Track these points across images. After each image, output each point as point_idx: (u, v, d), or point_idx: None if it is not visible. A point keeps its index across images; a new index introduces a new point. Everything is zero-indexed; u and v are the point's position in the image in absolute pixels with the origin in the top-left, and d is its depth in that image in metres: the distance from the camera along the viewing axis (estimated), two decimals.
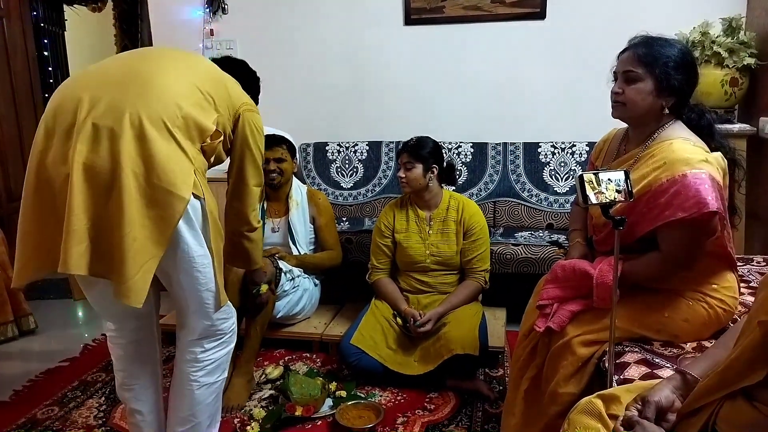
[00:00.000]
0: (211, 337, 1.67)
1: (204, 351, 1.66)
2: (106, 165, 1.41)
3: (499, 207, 3.18)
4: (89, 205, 1.41)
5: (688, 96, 1.57)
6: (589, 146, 3.10)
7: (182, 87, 1.54)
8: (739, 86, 2.75)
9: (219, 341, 1.68)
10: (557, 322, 1.58)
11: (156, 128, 1.44)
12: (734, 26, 2.76)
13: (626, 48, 1.58)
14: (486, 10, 3.26)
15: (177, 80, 1.55)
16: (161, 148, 1.44)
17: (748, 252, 2.73)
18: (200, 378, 1.67)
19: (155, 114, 1.45)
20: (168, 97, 1.49)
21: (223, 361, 1.72)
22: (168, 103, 1.48)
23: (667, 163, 1.45)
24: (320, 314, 2.80)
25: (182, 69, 1.60)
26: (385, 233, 2.53)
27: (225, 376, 1.76)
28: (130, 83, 1.50)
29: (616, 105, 1.58)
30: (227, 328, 1.70)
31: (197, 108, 1.54)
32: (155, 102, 1.47)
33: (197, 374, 1.67)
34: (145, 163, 1.42)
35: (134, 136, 1.42)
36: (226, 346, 1.71)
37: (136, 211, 1.41)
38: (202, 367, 1.67)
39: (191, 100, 1.54)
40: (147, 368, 1.74)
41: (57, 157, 1.44)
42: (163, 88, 1.51)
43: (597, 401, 1.13)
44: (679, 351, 1.49)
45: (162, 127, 1.45)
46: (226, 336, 1.70)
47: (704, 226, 1.43)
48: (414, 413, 2.15)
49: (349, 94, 3.52)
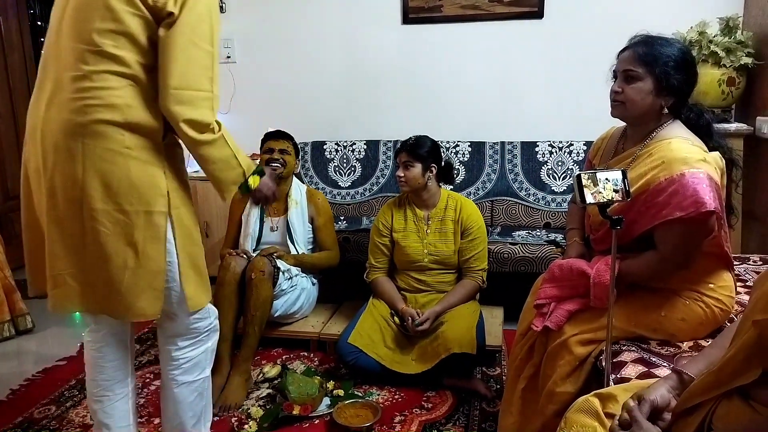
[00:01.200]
0: (185, 334, 1.64)
1: (178, 349, 1.64)
2: (69, 200, 1.41)
3: (497, 206, 3.18)
4: (68, 250, 1.44)
5: (687, 95, 1.57)
6: (586, 145, 3.11)
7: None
8: (736, 86, 2.76)
9: (193, 340, 1.65)
10: (554, 321, 1.58)
11: (97, 136, 1.39)
12: (731, 26, 2.77)
13: (626, 47, 1.58)
14: (484, 9, 3.26)
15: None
16: (115, 166, 1.40)
17: (744, 251, 2.73)
18: (177, 377, 1.66)
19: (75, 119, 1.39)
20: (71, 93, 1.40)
21: (201, 359, 1.69)
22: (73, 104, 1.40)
23: (666, 162, 1.46)
24: (318, 313, 2.80)
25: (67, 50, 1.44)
26: (383, 232, 2.53)
27: (206, 375, 1.72)
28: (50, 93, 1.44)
29: (615, 104, 1.59)
30: (202, 328, 1.66)
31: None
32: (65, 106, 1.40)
33: (174, 373, 1.66)
34: (107, 190, 1.40)
35: (81, 159, 1.39)
36: (201, 345, 1.67)
37: (117, 244, 1.42)
38: (178, 366, 1.65)
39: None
40: (118, 375, 1.68)
41: (34, 190, 1.48)
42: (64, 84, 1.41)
43: (594, 400, 1.14)
44: (676, 350, 1.49)
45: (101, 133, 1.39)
46: (202, 335, 1.67)
47: (701, 225, 1.44)
48: (411, 412, 2.16)
49: (346, 93, 3.52)
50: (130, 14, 1.38)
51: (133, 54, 1.40)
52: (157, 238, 1.46)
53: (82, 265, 1.44)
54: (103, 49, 1.38)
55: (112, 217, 1.41)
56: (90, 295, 1.47)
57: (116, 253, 1.42)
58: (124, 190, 1.41)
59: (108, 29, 1.38)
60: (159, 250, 1.47)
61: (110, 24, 1.38)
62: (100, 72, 1.39)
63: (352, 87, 3.50)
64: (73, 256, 1.44)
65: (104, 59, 1.39)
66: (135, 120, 1.42)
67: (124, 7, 1.38)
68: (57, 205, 1.43)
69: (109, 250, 1.42)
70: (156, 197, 1.45)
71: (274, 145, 2.65)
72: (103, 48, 1.38)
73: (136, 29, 1.39)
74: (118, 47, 1.39)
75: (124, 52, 1.39)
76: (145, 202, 1.43)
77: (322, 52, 3.51)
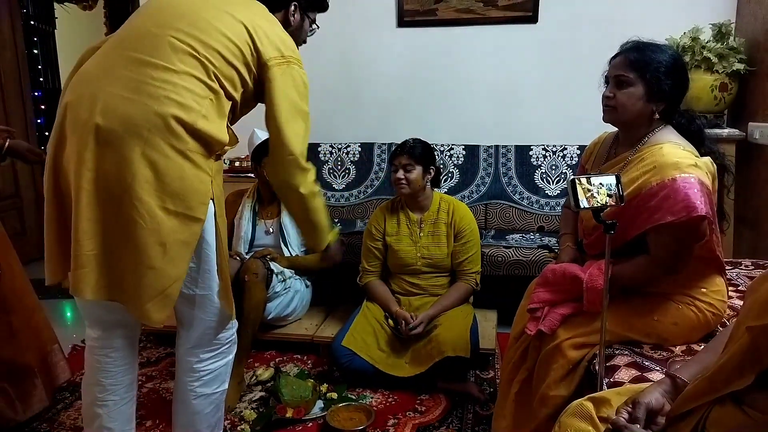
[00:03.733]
0: (207, 346, 1.61)
1: (200, 361, 1.61)
2: (113, 181, 1.36)
3: (491, 209, 3.19)
4: (97, 230, 1.38)
5: (678, 101, 1.59)
6: (580, 149, 3.12)
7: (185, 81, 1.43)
8: (728, 91, 2.78)
9: (216, 352, 1.63)
10: (548, 325, 1.59)
11: (165, 134, 1.37)
12: (724, 32, 2.79)
13: (618, 53, 1.60)
14: (479, 14, 3.27)
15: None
16: (173, 163, 1.38)
17: (736, 256, 2.75)
18: (197, 388, 1.63)
19: (162, 113, 1.37)
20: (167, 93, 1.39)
21: (222, 372, 1.66)
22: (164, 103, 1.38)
23: (657, 167, 1.47)
24: (312, 316, 2.80)
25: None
26: (376, 236, 2.53)
27: (224, 388, 1.70)
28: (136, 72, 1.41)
29: (607, 109, 1.60)
30: (225, 339, 1.64)
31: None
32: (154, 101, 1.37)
33: (194, 384, 1.62)
34: (158, 184, 1.37)
35: (142, 147, 1.35)
36: (224, 357, 1.65)
37: (149, 239, 1.37)
38: (199, 378, 1.62)
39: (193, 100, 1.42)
40: (125, 380, 1.65)
41: (70, 159, 1.40)
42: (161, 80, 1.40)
43: (587, 404, 1.14)
44: (669, 354, 1.50)
45: (169, 129, 1.37)
46: (224, 347, 1.64)
47: (693, 230, 1.45)
48: (405, 415, 2.16)
49: (341, 95, 3.52)
50: (247, 45, 1.49)
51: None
52: (186, 244, 1.43)
53: (109, 248, 1.39)
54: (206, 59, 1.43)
55: (153, 211, 1.37)
56: (105, 279, 1.41)
57: (145, 249, 1.38)
58: (172, 189, 1.38)
59: (222, 44, 1.45)
60: (184, 257, 1.43)
61: (227, 42, 1.45)
62: (191, 75, 1.41)
63: (347, 89, 3.50)
64: (101, 238, 1.38)
65: (200, 66, 1.42)
66: (205, 129, 1.42)
67: (246, 39, 1.49)
68: (101, 184, 1.36)
69: (139, 243, 1.37)
70: (199, 204, 1.43)
71: None
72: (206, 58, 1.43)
73: (242, 62, 1.49)
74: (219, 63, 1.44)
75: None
76: (188, 206, 1.41)
77: (317, 54, 3.48)
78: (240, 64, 1.49)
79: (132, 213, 1.36)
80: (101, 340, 1.61)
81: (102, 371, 1.61)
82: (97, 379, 1.62)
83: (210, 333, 1.60)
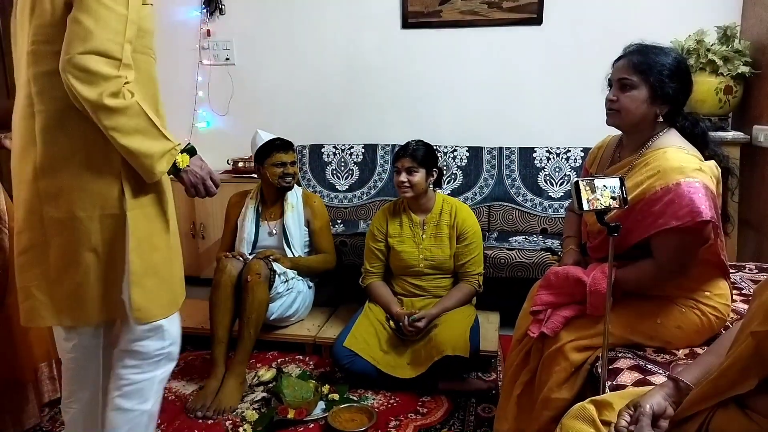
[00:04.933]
0: (131, 353, 1.49)
1: (123, 367, 1.49)
2: (30, 212, 1.40)
3: (494, 211, 3.18)
4: (33, 260, 1.41)
5: (682, 104, 1.58)
6: (584, 152, 3.11)
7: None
8: (733, 94, 2.77)
9: (139, 361, 1.49)
10: (551, 328, 1.58)
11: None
12: (729, 34, 2.78)
13: (621, 56, 1.59)
14: (483, 15, 3.27)
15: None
16: (65, 174, 1.35)
17: (740, 259, 2.74)
18: (115, 398, 1.50)
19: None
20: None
21: (145, 387, 1.50)
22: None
23: (661, 172, 1.46)
24: (314, 317, 2.80)
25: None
26: (378, 237, 2.53)
27: (146, 408, 1.53)
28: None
29: (610, 112, 1.59)
30: (152, 350, 1.49)
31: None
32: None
33: (114, 393, 1.50)
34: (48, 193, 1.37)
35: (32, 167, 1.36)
36: (149, 370, 1.50)
37: (78, 251, 1.38)
38: (119, 386, 1.49)
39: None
40: (87, 387, 1.57)
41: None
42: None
43: (590, 407, 1.14)
44: (672, 357, 1.50)
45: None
46: (151, 359, 1.50)
47: (697, 234, 1.44)
48: (407, 417, 2.15)
49: (345, 97, 3.52)
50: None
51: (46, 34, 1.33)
52: (113, 241, 1.40)
53: (46, 276, 1.39)
54: (38, 48, 1.32)
55: (66, 225, 1.36)
56: (60, 307, 1.40)
57: (78, 261, 1.37)
58: (75, 196, 1.36)
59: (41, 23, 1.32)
60: (122, 254, 1.40)
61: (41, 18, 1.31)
62: (41, 73, 1.33)
63: (350, 91, 3.51)
64: (36, 268, 1.40)
65: (42, 58, 1.32)
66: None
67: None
68: (20, 214, 1.41)
69: (71, 258, 1.37)
70: (107, 199, 1.38)
71: (285, 159, 2.62)
72: (38, 47, 1.32)
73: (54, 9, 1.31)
74: (51, 41, 1.30)
75: (48, 45, 1.31)
76: (99, 206, 1.37)
77: (321, 55, 3.51)
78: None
79: (51, 232, 1.40)
80: (67, 340, 1.56)
81: (67, 371, 1.58)
82: (64, 380, 1.59)
83: (128, 337, 1.48)
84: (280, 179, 2.61)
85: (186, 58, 3.59)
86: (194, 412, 2.18)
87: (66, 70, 1.24)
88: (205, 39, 3.58)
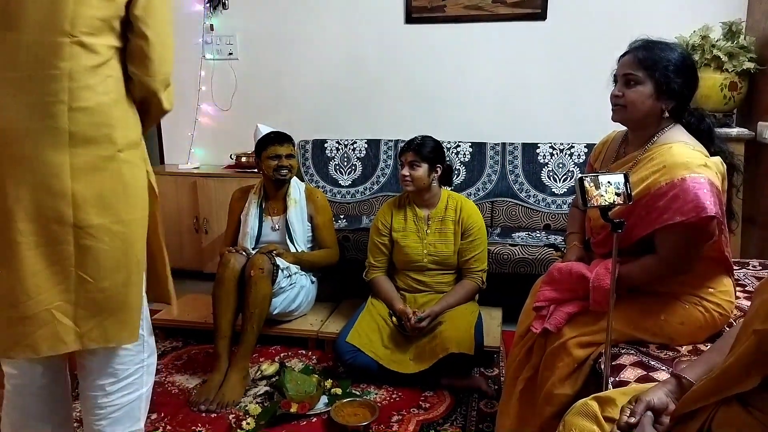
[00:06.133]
0: (111, 378, 1.39)
1: (106, 395, 1.39)
2: (51, 221, 1.27)
3: (497, 207, 3.18)
4: (53, 278, 1.28)
5: (687, 100, 1.58)
6: (587, 147, 3.11)
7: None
8: (738, 90, 2.76)
9: (123, 383, 1.41)
10: (554, 324, 1.58)
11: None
12: (734, 30, 2.77)
13: (627, 51, 1.59)
14: (487, 10, 3.26)
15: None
16: (109, 169, 1.31)
17: (744, 256, 2.74)
18: (105, 428, 1.40)
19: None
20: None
21: (134, 408, 1.43)
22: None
23: (667, 167, 1.46)
24: (317, 311, 2.80)
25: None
26: (383, 231, 2.53)
27: (141, 427, 1.48)
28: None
29: (616, 108, 1.59)
30: (131, 367, 1.42)
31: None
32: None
33: (101, 424, 1.40)
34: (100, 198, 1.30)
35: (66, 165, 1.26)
36: (134, 390, 1.43)
37: (116, 260, 1.32)
38: (106, 416, 1.40)
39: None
40: (56, 417, 1.46)
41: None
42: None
43: (593, 403, 1.14)
44: (675, 354, 1.50)
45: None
46: (133, 376, 1.42)
47: (702, 230, 1.44)
48: (409, 412, 2.16)
49: (348, 92, 3.52)
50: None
51: (109, 38, 1.29)
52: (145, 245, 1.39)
53: (70, 295, 1.28)
54: (80, 39, 1.23)
55: (110, 230, 1.29)
56: (89, 327, 1.30)
57: (117, 269, 1.30)
58: (118, 199, 1.31)
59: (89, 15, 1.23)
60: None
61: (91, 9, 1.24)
62: (79, 68, 1.24)
63: (353, 86, 3.50)
64: (60, 286, 1.27)
65: (82, 50, 1.24)
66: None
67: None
68: (27, 228, 1.24)
69: (108, 267, 1.29)
70: (146, 200, 1.37)
71: (280, 151, 2.63)
72: (80, 38, 1.23)
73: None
74: (93, 33, 1.25)
75: (96, 38, 1.25)
76: (142, 207, 1.36)
77: (324, 50, 3.51)
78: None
79: (87, 242, 1.30)
80: (20, 377, 1.43)
81: (23, 410, 1.43)
82: (18, 422, 1.44)
83: (108, 355, 1.39)
84: (275, 171, 2.61)
85: (189, 52, 3.59)
86: (197, 405, 2.19)
87: (161, 88, 1.37)
88: (208, 34, 3.57)
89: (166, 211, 3.51)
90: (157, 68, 1.33)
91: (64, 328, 1.28)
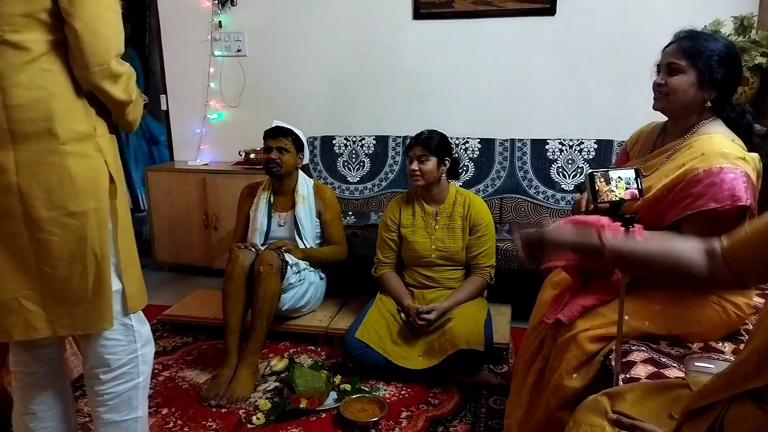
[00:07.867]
0: (104, 366, 1.44)
1: (101, 383, 1.45)
2: (6, 216, 1.31)
3: (506, 203, 3.17)
4: (17, 269, 1.34)
5: (730, 91, 1.57)
6: (597, 143, 3.08)
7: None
8: (749, 85, 2.73)
9: (115, 373, 1.44)
10: (568, 316, 1.57)
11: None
12: (746, 25, 2.74)
13: (671, 41, 1.59)
14: (496, 5, 3.24)
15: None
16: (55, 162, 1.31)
17: None
18: (102, 414, 1.47)
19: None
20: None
21: (131, 396, 1.47)
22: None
23: (705, 154, 1.45)
24: (325, 308, 2.81)
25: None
26: (391, 227, 2.54)
27: (137, 415, 1.52)
28: None
29: (658, 96, 1.59)
30: (123, 356, 1.45)
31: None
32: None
33: (99, 410, 1.47)
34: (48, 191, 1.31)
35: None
36: (128, 379, 1.47)
37: (71, 250, 1.33)
38: (103, 402, 1.46)
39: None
40: (58, 402, 1.54)
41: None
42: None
43: (603, 399, 1.14)
44: (686, 350, 1.49)
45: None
46: (126, 366, 1.45)
47: (731, 222, 1.42)
48: (418, 408, 2.16)
49: (356, 88, 3.51)
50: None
51: (39, 33, 1.26)
52: (107, 235, 1.39)
53: (35, 284, 1.33)
54: (4, 37, 1.23)
55: (60, 222, 1.31)
56: (57, 315, 1.35)
57: (73, 261, 1.32)
58: (65, 191, 1.31)
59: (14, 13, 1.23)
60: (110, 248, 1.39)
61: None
62: (7, 66, 1.25)
63: (362, 82, 3.50)
64: (23, 276, 1.33)
65: (8, 48, 1.24)
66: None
67: None
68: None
69: (64, 258, 1.32)
70: (100, 191, 1.36)
71: (271, 144, 2.63)
72: (4, 36, 1.23)
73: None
74: (18, 30, 1.24)
75: (22, 35, 1.24)
76: (95, 199, 1.34)
77: (332, 46, 3.50)
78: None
79: (42, 235, 1.33)
80: (19, 365, 1.50)
81: (28, 389, 1.50)
82: (25, 399, 1.51)
83: (97, 342, 1.43)
84: (266, 165, 2.63)
85: (197, 49, 3.60)
86: (208, 401, 2.20)
87: (102, 80, 1.30)
88: (217, 30, 3.58)
89: (176, 208, 3.54)
90: (90, 60, 1.27)
91: (34, 316, 1.34)
